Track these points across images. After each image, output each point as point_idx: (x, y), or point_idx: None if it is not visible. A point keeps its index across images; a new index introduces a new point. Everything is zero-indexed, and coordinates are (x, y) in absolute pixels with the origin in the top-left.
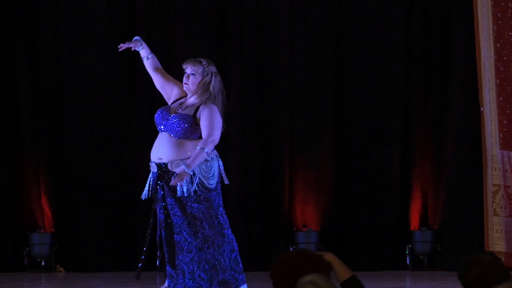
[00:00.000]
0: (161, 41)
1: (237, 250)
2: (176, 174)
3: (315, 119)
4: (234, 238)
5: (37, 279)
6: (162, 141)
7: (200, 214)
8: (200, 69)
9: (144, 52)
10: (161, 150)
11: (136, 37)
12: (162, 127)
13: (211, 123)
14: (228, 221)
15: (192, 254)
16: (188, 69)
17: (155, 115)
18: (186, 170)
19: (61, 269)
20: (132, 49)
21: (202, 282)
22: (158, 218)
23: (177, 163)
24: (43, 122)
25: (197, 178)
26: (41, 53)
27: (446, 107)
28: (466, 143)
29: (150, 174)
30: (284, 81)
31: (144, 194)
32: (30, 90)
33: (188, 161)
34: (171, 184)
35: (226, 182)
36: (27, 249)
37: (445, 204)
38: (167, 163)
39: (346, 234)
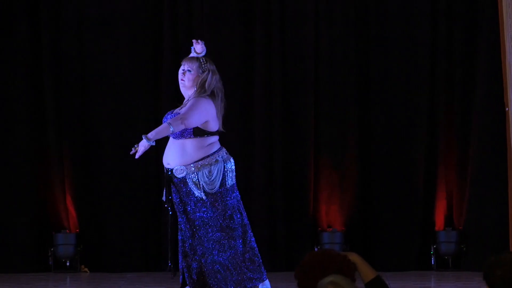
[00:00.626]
0: (185, 41)
1: (251, 249)
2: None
3: (339, 119)
4: (250, 239)
5: (62, 279)
6: (169, 146)
7: (206, 218)
8: (195, 65)
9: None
10: (168, 156)
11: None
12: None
13: (189, 108)
14: (240, 222)
15: (204, 257)
16: (185, 66)
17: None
18: (145, 141)
19: (86, 269)
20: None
21: (214, 283)
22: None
23: (182, 169)
24: (68, 122)
25: (201, 185)
26: (66, 51)
27: (471, 107)
28: (491, 143)
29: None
30: (309, 82)
31: (164, 197)
32: (55, 89)
33: (150, 133)
34: (135, 155)
35: (230, 183)
36: (52, 249)
37: (470, 204)
38: (173, 169)
39: (371, 235)
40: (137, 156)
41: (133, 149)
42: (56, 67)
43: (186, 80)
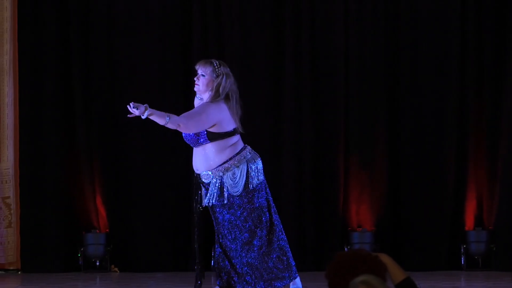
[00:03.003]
0: (215, 40)
1: (280, 249)
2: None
3: (369, 119)
4: (278, 238)
5: (92, 279)
6: (194, 152)
7: (234, 220)
8: (209, 70)
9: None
10: (195, 162)
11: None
12: (187, 141)
13: (191, 114)
14: (268, 222)
15: (233, 258)
16: (199, 70)
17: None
18: (143, 109)
19: (116, 269)
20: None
21: (245, 284)
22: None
23: (208, 175)
24: (97, 123)
25: (226, 187)
26: (95, 52)
27: (500, 106)
28: None
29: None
30: (339, 81)
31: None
32: (85, 90)
33: (151, 109)
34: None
35: (253, 184)
36: (82, 249)
37: (500, 204)
38: (200, 174)
39: (401, 234)
40: (128, 115)
41: (132, 104)
42: (85, 69)
43: (201, 85)
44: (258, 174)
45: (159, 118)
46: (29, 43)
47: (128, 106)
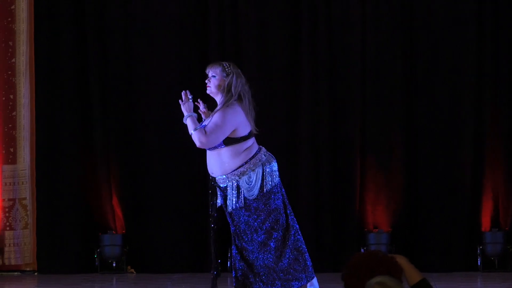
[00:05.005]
0: (232, 43)
1: (296, 250)
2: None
3: (386, 120)
4: (295, 239)
5: (108, 280)
6: (208, 156)
7: (251, 222)
8: (218, 70)
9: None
10: (210, 165)
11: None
12: None
13: (214, 124)
14: (284, 224)
15: (250, 259)
16: (209, 72)
17: None
18: (186, 112)
19: (132, 270)
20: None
21: (262, 284)
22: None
23: (223, 179)
24: (114, 124)
25: (242, 192)
26: (112, 52)
27: None
28: None
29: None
30: (355, 82)
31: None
32: (102, 92)
33: (191, 119)
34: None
35: (268, 186)
36: (98, 250)
37: None
38: (216, 178)
39: (417, 235)
40: (180, 101)
41: (187, 92)
42: (102, 71)
43: (212, 86)
44: (273, 176)
45: (190, 126)
46: (46, 44)
47: (184, 92)
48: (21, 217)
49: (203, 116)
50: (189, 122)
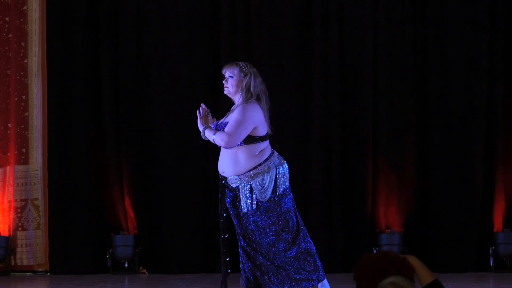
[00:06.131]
0: (243, 43)
1: (306, 251)
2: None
3: (397, 121)
4: (304, 240)
5: (120, 280)
6: (222, 155)
7: (260, 223)
8: (236, 70)
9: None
10: (222, 164)
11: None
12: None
13: (236, 121)
14: (295, 225)
15: (259, 260)
16: (226, 72)
17: None
18: (201, 127)
19: (144, 270)
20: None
21: (270, 284)
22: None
23: (235, 179)
24: (126, 125)
25: (255, 194)
26: (124, 54)
27: None
28: None
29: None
30: (368, 84)
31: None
32: (114, 92)
33: (208, 130)
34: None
35: (281, 189)
36: (110, 251)
37: None
38: (227, 178)
39: (429, 236)
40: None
41: (204, 106)
42: (114, 71)
43: (230, 86)
44: (284, 179)
45: (210, 135)
46: (58, 45)
47: (202, 105)
48: (33, 218)
49: (198, 118)
50: (207, 133)
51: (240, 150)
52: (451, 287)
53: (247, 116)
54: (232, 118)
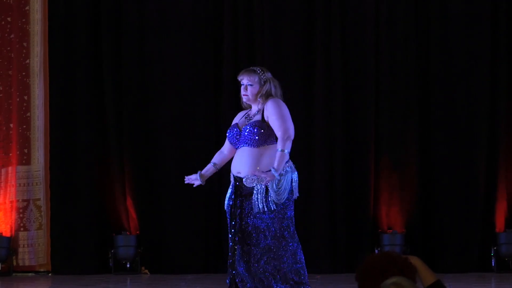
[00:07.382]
0: (246, 44)
1: (300, 261)
2: (265, 177)
3: (400, 120)
4: (296, 249)
5: (122, 281)
6: (242, 155)
7: (264, 225)
8: (256, 78)
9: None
10: (240, 164)
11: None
12: (238, 143)
13: (280, 117)
14: (294, 234)
15: (253, 263)
16: (244, 80)
17: (228, 136)
18: (274, 175)
19: (146, 271)
20: (195, 185)
21: None
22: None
23: (252, 179)
24: (128, 125)
25: (270, 195)
26: (126, 55)
27: None
28: None
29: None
30: (370, 83)
31: (226, 205)
32: (116, 93)
33: (275, 166)
34: (263, 183)
35: (296, 195)
36: (112, 251)
37: None
38: (243, 178)
39: (431, 236)
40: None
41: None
42: (116, 71)
43: (250, 94)
44: (297, 186)
45: (284, 159)
46: (60, 45)
47: (264, 183)
48: (35, 218)
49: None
50: (280, 164)
51: (268, 149)
52: (453, 287)
53: (282, 107)
54: (273, 116)
